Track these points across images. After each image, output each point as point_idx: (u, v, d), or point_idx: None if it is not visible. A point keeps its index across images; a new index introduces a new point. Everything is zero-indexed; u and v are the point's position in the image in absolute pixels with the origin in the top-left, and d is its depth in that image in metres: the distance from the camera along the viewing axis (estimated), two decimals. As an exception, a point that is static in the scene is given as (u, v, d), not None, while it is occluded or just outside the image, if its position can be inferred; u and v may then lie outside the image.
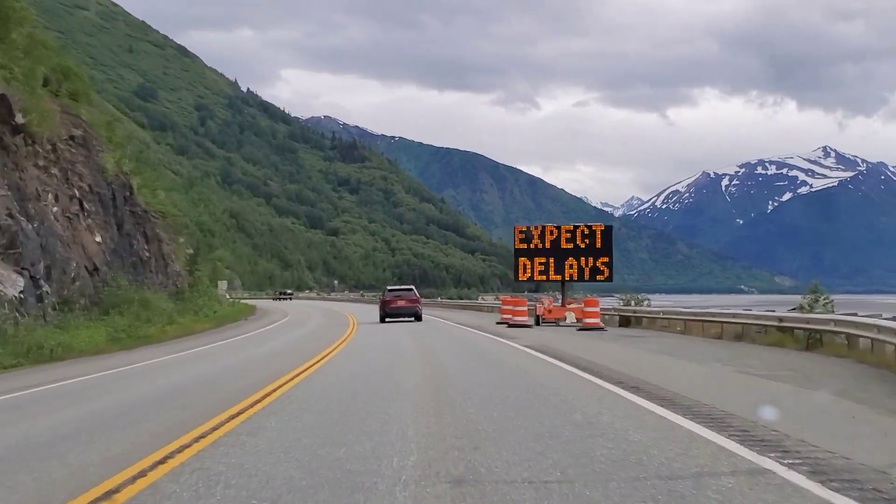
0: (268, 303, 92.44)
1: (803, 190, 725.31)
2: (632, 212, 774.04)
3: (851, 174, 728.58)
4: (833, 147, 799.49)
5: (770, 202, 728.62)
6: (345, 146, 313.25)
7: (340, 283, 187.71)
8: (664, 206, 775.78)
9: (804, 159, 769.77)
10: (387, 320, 37.60)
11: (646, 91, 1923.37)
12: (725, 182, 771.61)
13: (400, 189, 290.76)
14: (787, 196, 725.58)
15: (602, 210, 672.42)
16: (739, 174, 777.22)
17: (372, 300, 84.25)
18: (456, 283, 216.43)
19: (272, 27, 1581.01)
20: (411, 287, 41.42)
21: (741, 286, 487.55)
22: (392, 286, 44.82)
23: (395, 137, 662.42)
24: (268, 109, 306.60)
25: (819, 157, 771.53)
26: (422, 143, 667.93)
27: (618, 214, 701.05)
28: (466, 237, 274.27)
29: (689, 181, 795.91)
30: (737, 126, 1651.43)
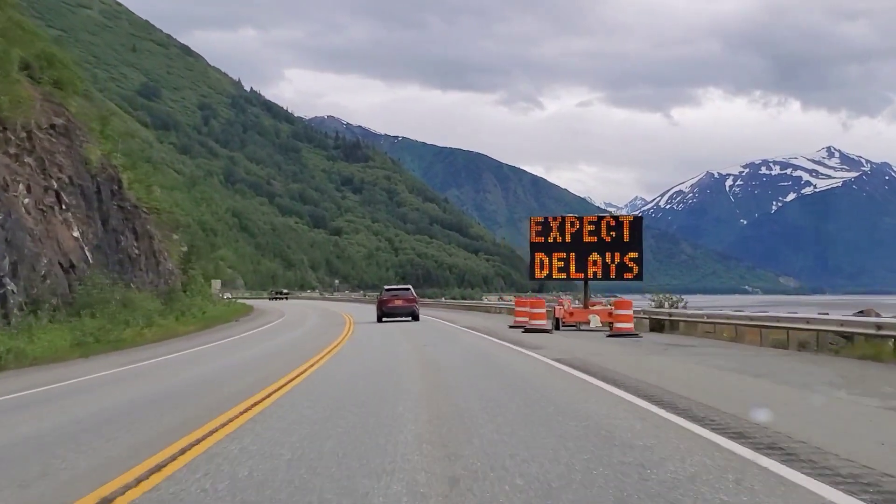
0: (265, 303, 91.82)
1: (807, 190, 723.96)
2: (635, 212, 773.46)
3: (855, 174, 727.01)
4: (837, 147, 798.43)
5: (774, 202, 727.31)
6: (348, 146, 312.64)
7: (343, 283, 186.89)
8: (668, 207, 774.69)
9: (808, 159, 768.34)
10: (384, 320, 37.55)
11: (649, 91, 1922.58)
12: (729, 182, 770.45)
13: (403, 189, 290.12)
14: (791, 196, 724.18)
15: (605, 210, 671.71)
16: (743, 174, 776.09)
17: (373, 300, 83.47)
18: (459, 284, 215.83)
19: (275, 27, 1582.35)
20: (408, 287, 41.71)
21: (745, 286, 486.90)
22: (389, 286, 44.95)
23: (399, 137, 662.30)
24: (271, 109, 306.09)
25: (823, 158, 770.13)
26: (425, 143, 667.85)
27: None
28: (470, 237, 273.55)
29: (693, 181, 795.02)
30: (741, 126, 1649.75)
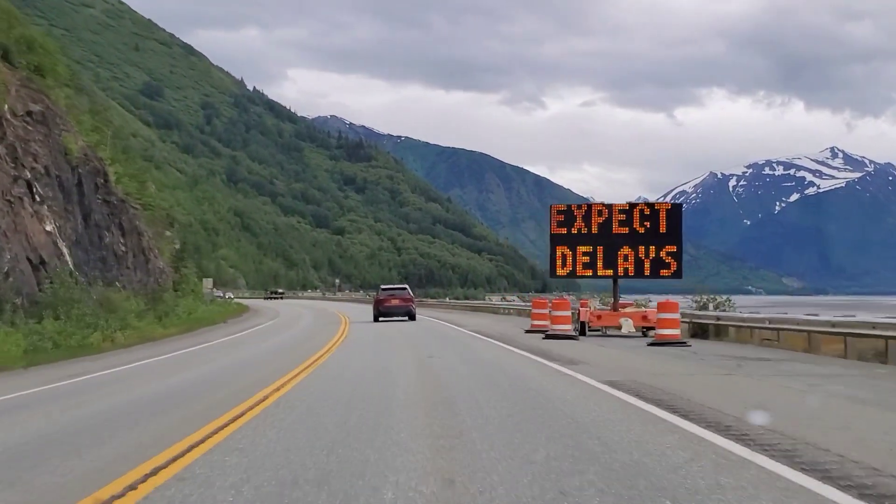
0: (263, 302, 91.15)
1: (811, 191, 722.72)
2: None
3: (859, 175, 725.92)
4: (841, 148, 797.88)
5: (777, 203, 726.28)
6: (351, 145, 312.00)
7: (345, 283, 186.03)
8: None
9: (812, 160, 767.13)
10: (380, 319, 37.61)
11: (653, 91, 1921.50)
12: (733, 182, 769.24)
13: (406, 188, 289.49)
14: (795, 197, 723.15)
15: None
16: (747, 175, 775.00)
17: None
18: (462, 284, 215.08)
19: (279, 26, 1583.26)
20: (405, 286, 42.06)
21: (748, 287, 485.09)
22: (386, 285, 44.98)
23: (402, 137, 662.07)
24: (274, 108, 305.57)
25: (827, 158, 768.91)
26: (428, 143, 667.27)
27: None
28: (473, 237, 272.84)
29: (697, 181, 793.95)
30: (744, 126, 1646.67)
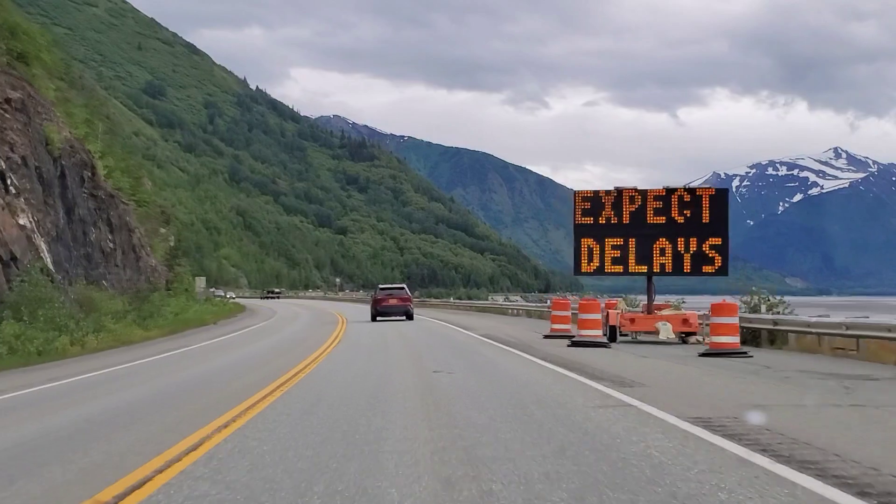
0: (260, 302, 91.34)
1: (814, 191, 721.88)
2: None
3: (862, 175, 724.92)
4: (844, 148, 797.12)
5: (781, 203, 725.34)
6: (354, 144, 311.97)
7: (347, 282, 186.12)
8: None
9: (815, 160, 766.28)
10: (378, 319, 38.05)
11: (656, 91, 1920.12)
12: (736, 183, 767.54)
13: (409, 188, 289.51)
14: (798, 197, 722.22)
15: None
16: (750, 175, 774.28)
17: None
18: (465, 283, 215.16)
19: (282, 26, 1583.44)
20: (403, 286, 42.53)
21: (751, 287, 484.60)
22: (384, 285, 45.30)
23: (405, 137, 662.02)
24: (277, 108, 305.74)
25: (830, 159, 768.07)
26: (431, 143, 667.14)
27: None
28: (476, 237, 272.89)
29: (700, 182, 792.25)
30: (747, 127, 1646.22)
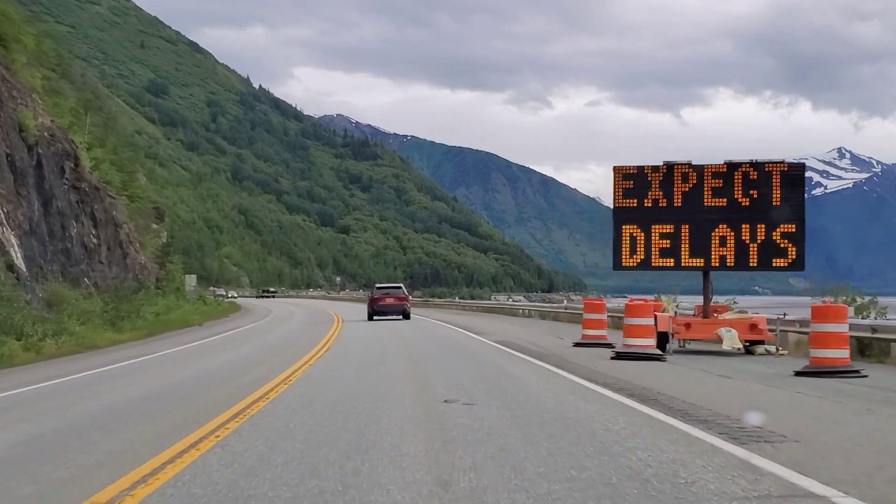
0: (257, 301, 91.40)
1: (818, 191, 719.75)
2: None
3: (866, 175, 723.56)
4: (848, 148, 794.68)
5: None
6: (357, 143, 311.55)
7: (349, 282, 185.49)
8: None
9: (819, 160, 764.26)
10: (374, 318, 37.92)
11: (659, 91, 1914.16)
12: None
13: (412, 187, 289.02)
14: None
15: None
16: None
17: None
18: (468, 283, 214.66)
19: (285, 25, 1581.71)
20: (400, 285, 42.60)
21: (755, 287, 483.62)
22: (381, 284, 45.43)
23: (408, 136, 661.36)
24: (280, 106, 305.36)
25: (834, 159, 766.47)
26: (434, 142, 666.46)
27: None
28: (479, 236, 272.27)
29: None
30: (751, 127, 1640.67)
